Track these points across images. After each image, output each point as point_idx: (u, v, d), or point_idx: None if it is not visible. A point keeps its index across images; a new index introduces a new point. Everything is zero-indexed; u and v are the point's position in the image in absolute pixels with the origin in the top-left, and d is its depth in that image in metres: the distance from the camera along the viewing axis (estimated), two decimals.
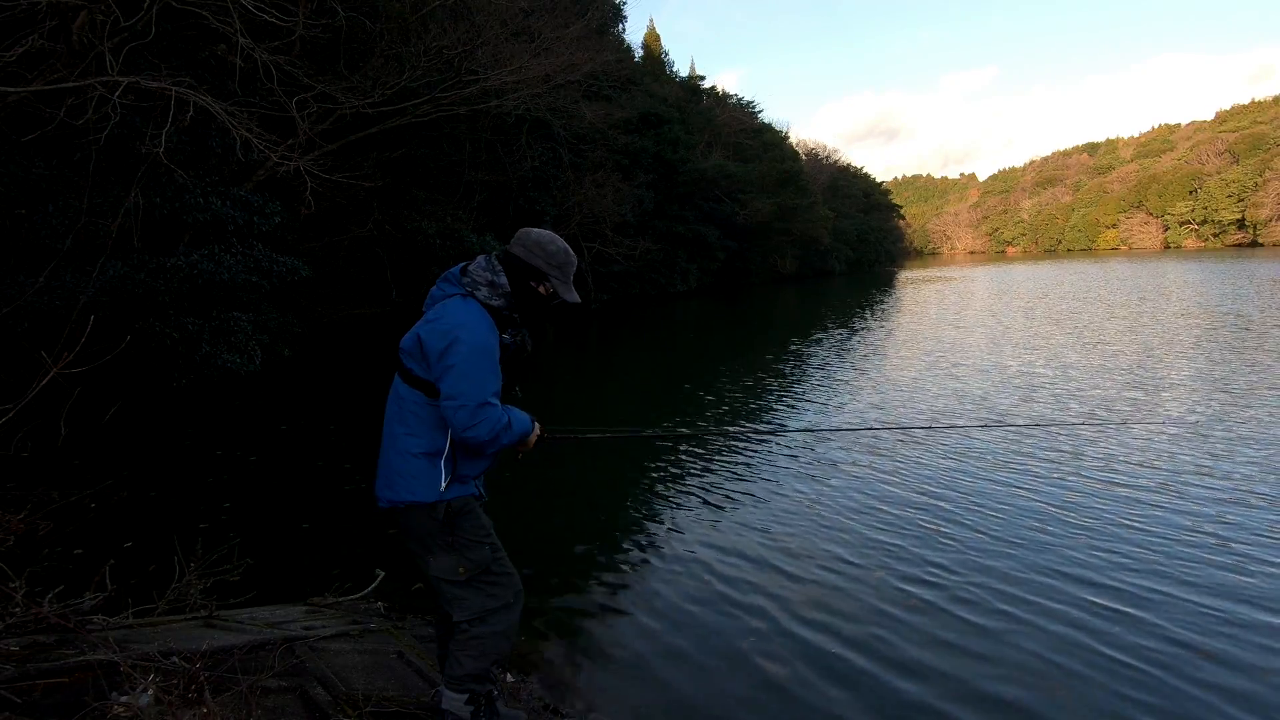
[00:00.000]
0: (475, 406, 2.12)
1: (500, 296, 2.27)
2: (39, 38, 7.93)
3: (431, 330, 2.19)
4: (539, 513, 5.58)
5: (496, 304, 2.26)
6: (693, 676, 3.30)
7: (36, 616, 2.41)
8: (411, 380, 2.25)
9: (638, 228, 29.08)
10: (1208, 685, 3.07)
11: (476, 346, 2.15)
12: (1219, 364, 10.68)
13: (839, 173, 71.54)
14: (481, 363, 2.15)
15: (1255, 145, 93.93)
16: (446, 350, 2.14)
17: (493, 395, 2.18)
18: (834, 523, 5.10)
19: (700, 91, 45.64)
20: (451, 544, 2.26)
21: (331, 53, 12.63)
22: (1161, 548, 4.45)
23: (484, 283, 2.26)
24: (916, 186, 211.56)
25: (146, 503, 5.92)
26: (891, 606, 3.87)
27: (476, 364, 2.14)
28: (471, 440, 2.17)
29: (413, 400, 2.24)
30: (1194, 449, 6.53)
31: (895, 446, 6.99)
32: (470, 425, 2.12)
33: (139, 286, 10.35)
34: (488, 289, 2.25)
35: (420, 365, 2.22)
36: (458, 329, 2.15)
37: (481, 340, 2.17)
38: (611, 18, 29.91)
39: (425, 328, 2.22)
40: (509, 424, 2.22)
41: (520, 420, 2.30)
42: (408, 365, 2.26)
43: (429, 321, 2.23)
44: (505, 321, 2.30)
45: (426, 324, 2.23)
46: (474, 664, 2.30)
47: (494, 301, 2.25)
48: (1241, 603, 3.75)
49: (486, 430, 2.15)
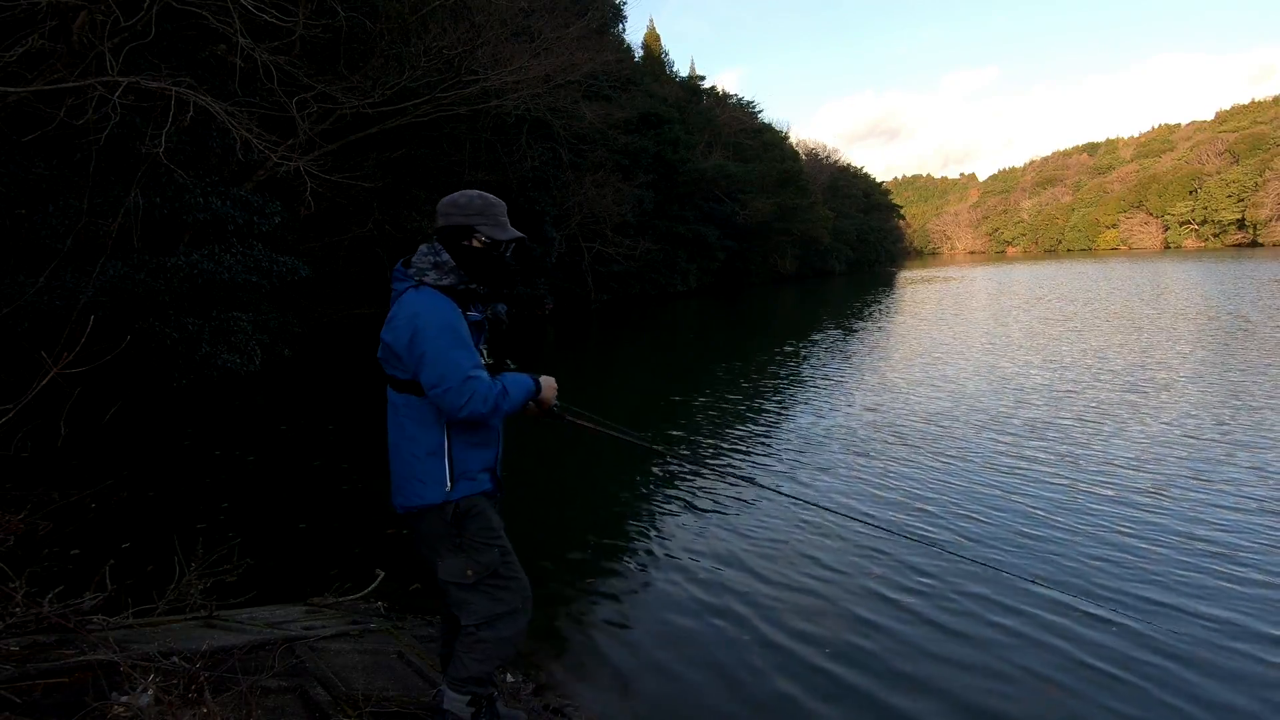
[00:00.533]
0: (460, 384, 2.08)
1: (448, 274, 2.23)
2: (39, 38, 7.93)
3: (392, 329, 2.18)
4: (538, 513, 5.58)
5: (448, 283, 2.22)
6: (692, 677, 3.31)
7: (36, 616, 2.41)
8: (399, 386, 2.24)
9: (638, 228, 29.08)
10: (1196, 698, 3.02)
11: (439, 327, 2.12)
12: (1216, 366, 10.68)
13: (839, 173, 71.53)
14: (450, 340, 2.12)
15: (1255, 145, 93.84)
16: (412, 341, 2.12)
17: (474, 369, 2.13)
18: (829, 528, 5.10)
19: (700, 91, 45.63)
20: (459, 545, 2.25)
21: (331, 53, 12.63)
22: (1154, 555, 4.43)
23: (429, 266, 2.23)
24: (916, 186, 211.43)
25: (146, 503, 5.92)
26: (886, 607, 3.88)
27: (445, 344, 2.11)
28: (472, 416, 2.12)
29: (406, 404, 2.23)
30: (1191, 450, 6.53)
31: (892, 448, 7.01)
32: (462, 403, 2.09)
33: (139, 286, 10.35)
34: (434, 271, 2.22)
35: (399, 367, 2.20)
36: (415, 318, 2.14)
37: (442, 319, 2.14)
38: (611, 18, 29.89)
39: (387, 329, 2.21)
40: (504, 390, 2.19)
41: (517, 382, 2.26)
42: (390, 372, 2.25)
43: (389, 322, 2.21)
44: (466, 297, 2.26)
45: (387, 325, 2.21)
46: (478, 667, 2.29)
47: (445, 281, 2.22)
48: (1235, 612, 3.72)
49: (480, 403, 2.11)
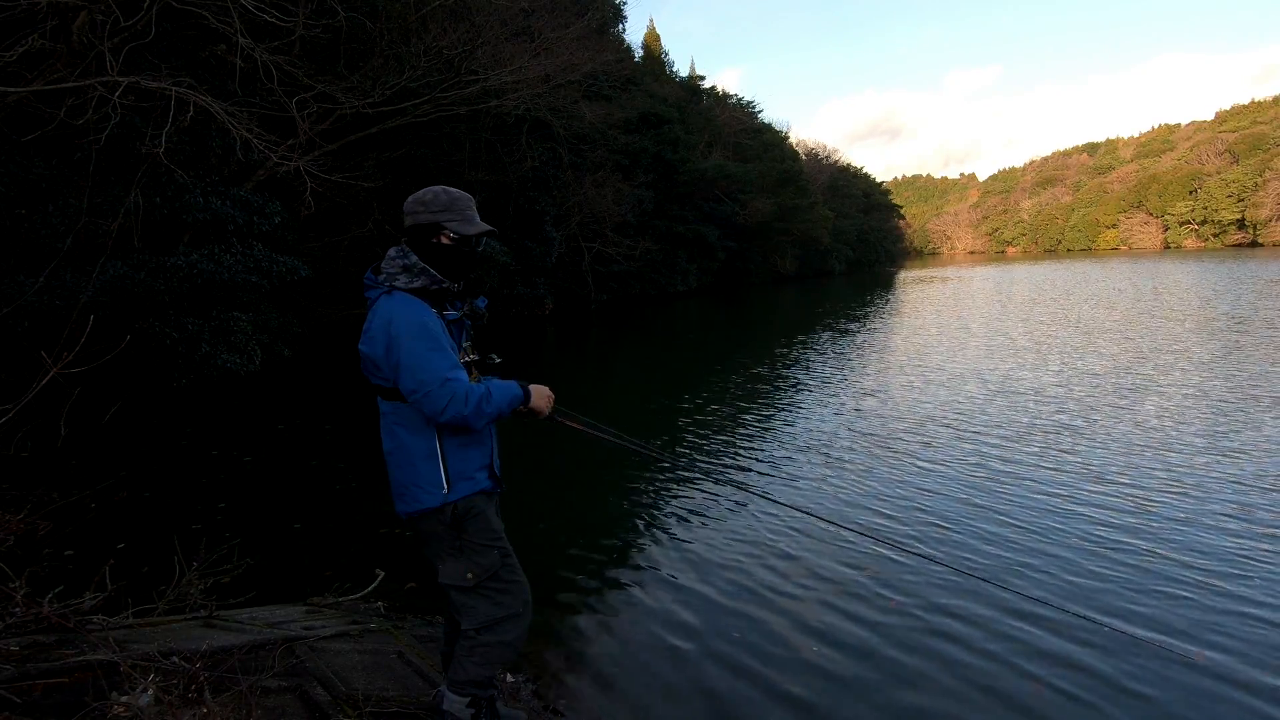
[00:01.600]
0: (438, 387, 2.06)
1: (418, 275, 2.20)
2: (39, 38, 7.94)
3: (369, 339, 2.17)
4: (537, 513, 5.58)
5: (419, 284, 2.19)
6: (691, 677, 3.30)
7: (36, 616, 2.41)
8: (386, 394, 2.22)
9: (638, 228, 29.09)
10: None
11: (413, 331, 2.10)
12: (1212, 368, 10.67)
13: (839, 173, 71.57)
14: (425, 344, 2.10)
15: (1255, 145, 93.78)
16: (388, 349, 2.11)
17: (451, 370, 2.11)
18: (819, 533, 5.09)
19: (700, 91, 45.67)
20: (459, 548, 2.24)
21: (331, 53, 12.64)
22: (1141, 566, 4.41)
23: (398, 270, 2.21)
24: (916, 186, 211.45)
25: (146, 503, 5.92)
26: (882, 614, 3.88)
27: (420, 348, 2.09)
28: (454, 420, 2.10)
29: (395, 412, 2.22)
30: (1187, 454, 6.53)
31: (889, 448, 7.01)
32: (443, 407, 2.07)
33: (139, 286, 10.35)
34: (404, 275, 2.20)
35: (380, 377, 2.19)
36: (388, 325, 2.12)
37: (415, 323, 2.12)
38: (611, 18, 29.91)
39: (364, 341, 2.19)
40: (488, 392, 2.17)
41: (504, 388, 2.24)
42: (376, 382, 2.23)
43: (365, 332, 2.20)
44: (440, 297, 2.24)
45: (364, 336, 2.20)
46: (478, 670, 2.29)
47: (416, 283, 2.19)
48: (1230, 617, 3.72)
49: (461, 404, 2.08)
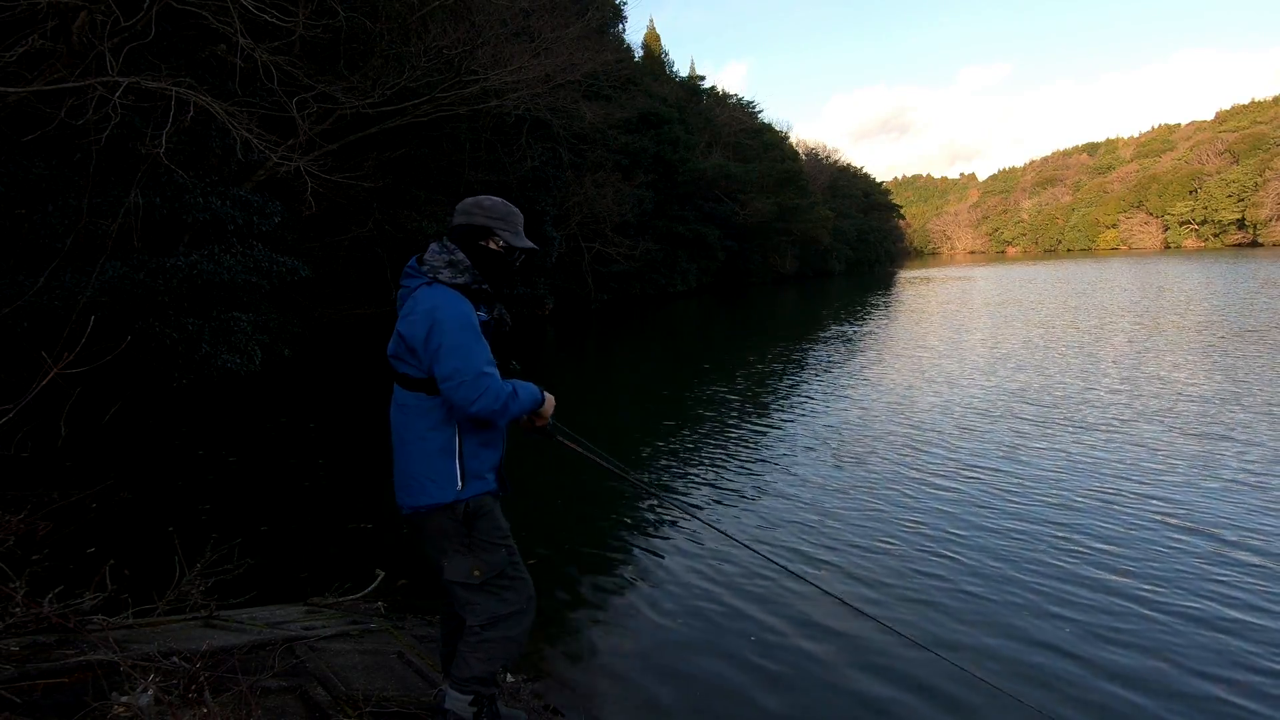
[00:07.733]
0: (474, 378, 2.10)
1: (463, 273, 2.25)
2: (39, 38, 7.94)
3: (409, 322, 2.19)
4: (538, 512, 5.58)
5: (462, 281, 2.24)
6: (692, 677, 3.31)
7: (36, 616, 2.41)
8: (409, 384, 2.24)
9: (638, 228, 29.08)
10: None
11: (457, 321, 2.14)
12: (1211, 371, 10.67)
13: (839, 172, 71.57)
14: (467, 335, 2.14)
15: (1255, 145, 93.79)
16: (429, 334, 2.14)
17: (487, 364, 2.16)
18: (823, 537, 5.10)
19: (700, 91, 45.65)
20: (468, 545, 2.25)
21: (331, 53, 12.62)
22: (1131, 573, 4.41)
23: (443, 265, 2.25)
24: (917, 186, 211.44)
25: (146, 503, 5.92)
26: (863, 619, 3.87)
27: (462, 338, 2.13)
28: (481, 413, 2.15)
29: (416, 404, 2.23)
30: (1183, 454, 6.52)
31: (885, 450, 7.01)
32: (474, 398, 2.11)
33: (139, 286, 10.35)
34: (448, 270, 2.24)
35: (412, 364, 2.21)
36: (434, 310, 2.15)
37: (460, 314, 2.16)
38: (611, 18, 29.88)
39: (403, 323, 2.22)
40: (515, 391, 2.22)
41: (527, 388, 2.29)
42: (401, 370, 2.25)
43: (405, 316, 2.23)
44: (477, 297, 2.29)
45: (403, 319, 2.23)
46: (481, 667, 2.29)
47: (459, 280, 2.24)
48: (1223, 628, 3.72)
49: (492, 399, 2.13)
